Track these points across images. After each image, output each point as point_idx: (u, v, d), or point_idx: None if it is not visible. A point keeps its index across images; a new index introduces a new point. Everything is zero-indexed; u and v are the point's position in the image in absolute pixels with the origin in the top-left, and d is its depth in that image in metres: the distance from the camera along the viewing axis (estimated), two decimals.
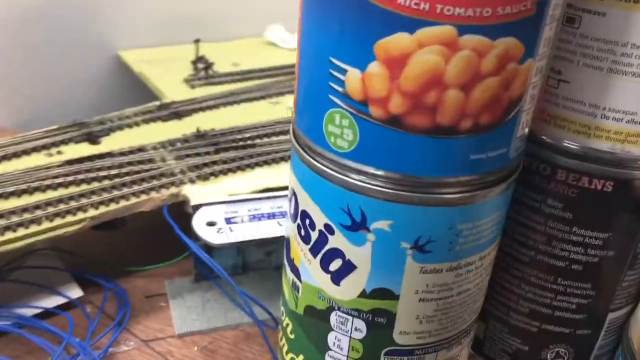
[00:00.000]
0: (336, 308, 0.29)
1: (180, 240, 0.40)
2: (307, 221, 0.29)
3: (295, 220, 0.30)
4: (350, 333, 0.30)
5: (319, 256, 0.29)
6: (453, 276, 0.28)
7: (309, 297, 0.30)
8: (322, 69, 0.25)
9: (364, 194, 0.26)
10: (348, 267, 0.28)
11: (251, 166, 0.46)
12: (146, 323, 0.40)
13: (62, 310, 0.39)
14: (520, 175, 0.28)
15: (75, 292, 0.40)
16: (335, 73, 0.24)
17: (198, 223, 0.39)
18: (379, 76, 0.23)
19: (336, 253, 0.28)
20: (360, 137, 0.25)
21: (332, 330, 0.30)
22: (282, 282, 0.34)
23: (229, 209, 0.40)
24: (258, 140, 0.50)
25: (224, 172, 0.45)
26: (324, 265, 0.29)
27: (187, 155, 0.46)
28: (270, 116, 0.54)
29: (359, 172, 0.26)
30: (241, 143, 0.49)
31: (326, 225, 0.28)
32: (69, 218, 0.37)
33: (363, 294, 0.28)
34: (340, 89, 0.24)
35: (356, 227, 0.27)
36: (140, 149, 0.46)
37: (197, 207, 0.40)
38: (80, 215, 0.38)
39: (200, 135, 0.49)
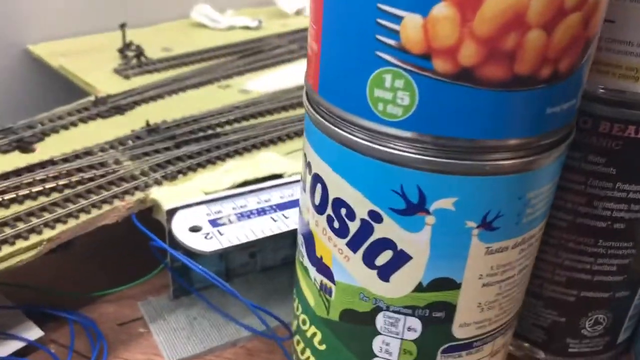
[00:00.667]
0: (384, 308, 0.25)
1: (152, 252, 0.34)
2: (343, 211, 0.24)
3: (323, 211, 0.25)
4: (402, 334, 0.25)
5: (361, 250, 0.24)
6: (517, 253, 0.24)
7: (346, 299, 0.26)
8: (364, 20, 0.20)
9: (423, 169, 0.22)
10: (400, 259, 0.24)
11: (221, 158, 0.40)
12: (128, 355, 0.34)
13: (21, 358, 0.32)
14: None
15: (34, 332, 0.33)
16: (385, 23, 0.20)
17: (179, 229, 0.33)
18: (447, 20, 0.19)
19: (385, 244, 0.24)
20: (419, 99, 0.20)
21: (379, 334, 0.26)
22: (297, 286, 0.29)
23: (210, 210, 0.35)
24: (220, 129, 0.44)
25: (192, 169, 0.39)
26: (368, 260, 0.24)
27: (145, 154, 0.40)
28: (223, 101, 0.49)
29: (416, 142, 0.21)
30: (202, 134, 0.43)
31: (371, 213, 0.23)
32: (20, 244, 0.30)
33: (419, 288, 0.24)
34: (392, 42, 0.20)
35: (412, 210, 0.22)
36: (87, 152, 0.39)
37: (172, 212, 0.34)
38: (34, 239, 0.31)
39: (152, 129, 0.43)
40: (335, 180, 0.24)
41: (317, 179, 0.25)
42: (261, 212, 0.35)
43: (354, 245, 0.24)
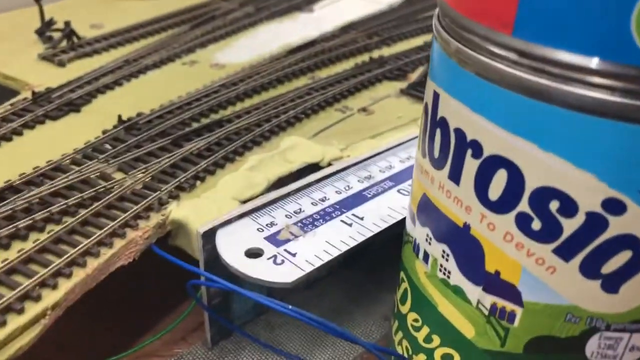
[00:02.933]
0: (602, 328, 0.18)
1: (167, 292, 0.25)
2: (554, 205, 0.17)
3: (508, 209, 0.18)
4: (621, 357, 0.19)
5: (580, 256, 0.17)
6: None
7: (541, 324, 0.19)
8: None
9: None
10: None
11: (238, 152, 0.31)
12: None
13: None
14: None
15: None
16: None
17: (232, 256, 0.24)
18: None
19: (622, 243, 0.17)
20: None
21: None
22: (427, 310, 0.22)
23: (260, 223, 0.26)
24: (217, 116, 0.35)
25: (209, 171, 0.29)
26: (590, 268, 0.17)
27: (137, 160, 0.30)
28: (198, 80, 0.39)
29: None
30: (197, 124, 0.33)
31: (608, 202, 0.16)
32: (14, 321, 0.20)
33: None
34: None
35: None
36: (56, 169, 0.28)
37: (210, 234, 0.25)
38: (32, 309, 0.21)
39: (130, 126, 0.32)
40: (544, 163, 0.16)
41: (496, 164, 0.17)
42: (325, 216, 0.27)
43: (567, 251, 0.17)
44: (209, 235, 0.25)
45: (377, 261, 0.34)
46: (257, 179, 0.29)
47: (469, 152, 0.18)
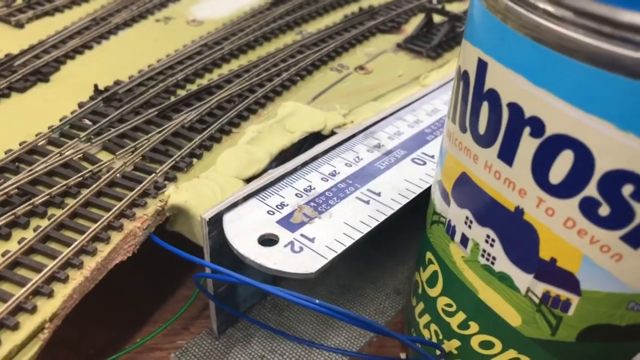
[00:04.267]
0: None
1: (163, 281, 0.23)
2: (628, 189, 0.15)
3: (572, 193, 0.16)
4: None
5: None
6: None
7: (599, 313, 0.17)
8: None
9: None
10: None
11: (234, 123, 0.29)
12: None
13: None
14: None
15: None
16: None
17: (244, 245, 0.22)
18: None
19: None
20: None
21: None
22: (465, 295, 0.20)
23: (270, 204, 0.24)
24: (203, 81, 0.32)
25: (205, 146, 0.27)
26: None
27: (122, 137, 0.27)
28: (176, 39, 0.35)
29: None
30: (182, 93, 0.30)
31: None
32: (9, 339, 0.18)
33: None
34: None
35: None
36: (31, 151, 0.25)
37: (216, 219, 0.23)
38: (27, 323, 0.18)
39: (109, 97, 0.29)
40: (620, 144, 0.15)
41: (561, 144, 0.16)
42: (338, 193, 0.25)
43: (637, 238, 0.16)
44: (215, 222, 0.23)
45: (385, 230, 0.33)
46: (258, 154, 0.27)
47: (527, 130, 0.16)
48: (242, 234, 0.22)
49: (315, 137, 0.29)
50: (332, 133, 0.30)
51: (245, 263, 0.22)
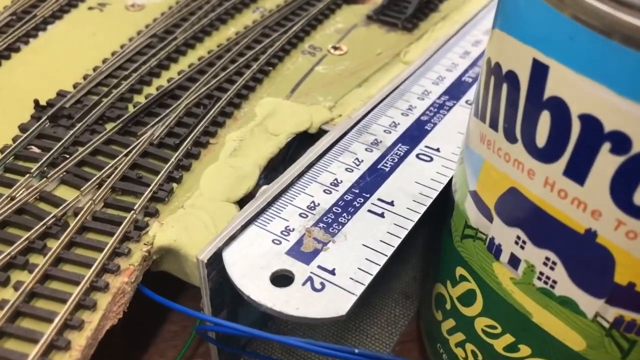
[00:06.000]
0: None
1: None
2: None
3: None
4: None
5: None
6: None
7: None
8: None
9: None
10: None
11: (210, 133, 0.25)
12: None
13: None
14: None
15: None
16: None
17: (258, 289, 0.19)
18: None
19: None
20: None
21: None
22: (526, 325, 0.18)
23: (274, 232, 0.21)
24: (158, 81, 0.28)
25: (183, 166, 0.23)
26: None
27: (82, 166, 0.23)
28: (118, 30, 0.31)
29: None
30: (141, 100, 0.26)
31: None
32: None
33: None
34: None
35: None
36: None
37: (215, 259, 0.20)
38: None
39: (54, 114, 0.25)
40: None
41: None
42: (347, 207, 0.22)
43: None
44: (213, 262, 0.20)
45: None
46: (245, 168, 0.23)
47: (606, 146, 0.14)
48: (250, 274, 0.19)
49: (302, 137, 0.26)
50: (320, 131, 0.27)
51: (240, 298, 0.19)
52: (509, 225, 0.18)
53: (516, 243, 0.17)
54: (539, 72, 0.15)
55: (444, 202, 0.23)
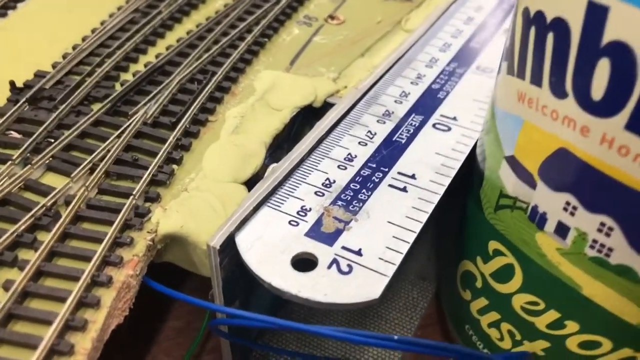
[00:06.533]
0: None
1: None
2: None
3: None
4: None
5: None
6: None
7: None
8: None
9: None
10: None
11: (208, 109, 0.23)
12: None
13: None
14: None
15: None
16: None
17: (279, 275, 0.17)
18: None
19: None
20: None
21: None
22: (575, 299, 0.17)
23: (289, 211, 0.19)
24: (145, 58, 0.26)
25: (183, 146, 0.21)
26: None
27: (70, 150, 0.21)
28: (97, 5, 0.29)
29: None
30: (128, 78, 0.24)
31: None
32: None
33: None
34: None
35: None
36: None
37: (227, 244, 0.18)
38: None
39: (34, 95, 0.23)
40: None
41: None
42: (366, 183, 0.20)
43: None
44: (226, 248, 0.18)
45: None
46: (250, 146, 0.22)
47: None
48: (268, 260, 0.18)
49: (306, 112, 0.25)
50: (326, 104, 0.25)
51: (257, 284, 0.17)
52: (556, 190, 0.16)
53: (565, 210, 0.16)
54: (595, 15, 0.13)
55: (467, 173, 0.22)
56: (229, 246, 0.18)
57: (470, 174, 0.21)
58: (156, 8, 0.28)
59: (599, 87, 0.14)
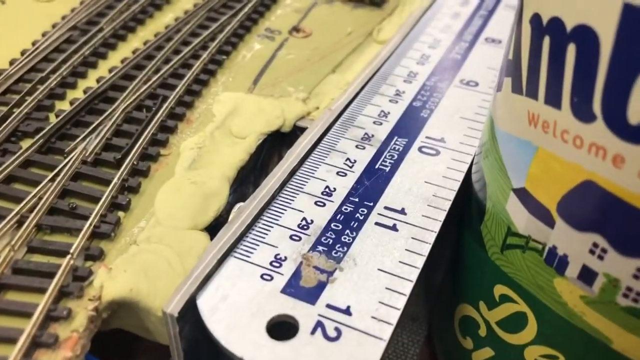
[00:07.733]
0: None
1: None
2: None
3: None
4: None
5: None
6: None
7: None
8: None
9: None
10: None
11: (160, 142, 0.20)
12: None
13: None
14: None
15: None
16: None
17: (253, 347, 0.14)
18: None
19: None
20: None
21: None
22: (602, 353, 0.15)
23: (258, 264, 0.16)
24: (84, 82, 0.22)
25: (131, 189, 0.18)
26: None
27: (8, 181, 0.17)
28: (28, 26, 0.25)
29: None
30: (63, 107, 0.21)
31: None
32: None
33: None
34: None
35: None
36: None
37: (186, 311, 0.15)
38: None
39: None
40: None
41: None
42: (349, 222, 0.18)
43: None
44: (186, 313, 0.15)
45: None
46: (211, 183, 0.19)
47: None
48: (238, 326, 0.15)
49: (274, 139, 0.22)
50: (296, 128, 0.22)
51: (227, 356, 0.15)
52: (580, 230, 0.14)
53: (591, 252, 0.14)
54: (634, 20, 0.11)
55: (461, 200, 0.19)
56: (189, 311, 0.15)
57: (464, 202, 0.19)
58: (97, 25, 0.25)
59: (637, 108, 0.12)
